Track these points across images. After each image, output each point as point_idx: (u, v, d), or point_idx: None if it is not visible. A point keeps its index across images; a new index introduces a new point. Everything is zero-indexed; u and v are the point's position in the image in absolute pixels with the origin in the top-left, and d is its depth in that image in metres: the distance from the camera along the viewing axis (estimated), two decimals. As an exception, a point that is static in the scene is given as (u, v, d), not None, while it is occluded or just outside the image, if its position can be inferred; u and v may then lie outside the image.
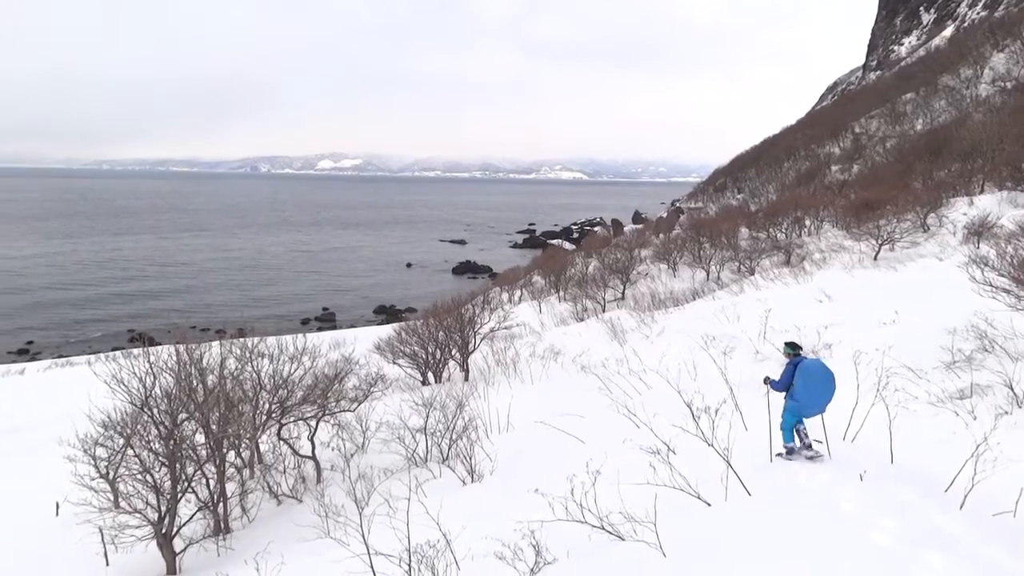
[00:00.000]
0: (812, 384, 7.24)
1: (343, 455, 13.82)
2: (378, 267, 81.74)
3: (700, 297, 26.65)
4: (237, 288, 66.09)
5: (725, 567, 5.26)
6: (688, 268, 36.98)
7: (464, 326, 20.97)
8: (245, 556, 10.19)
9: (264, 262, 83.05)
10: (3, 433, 21.91)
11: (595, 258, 44.76)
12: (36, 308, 55.05)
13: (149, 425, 11.84)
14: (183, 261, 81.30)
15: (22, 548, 12.26)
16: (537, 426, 12.75)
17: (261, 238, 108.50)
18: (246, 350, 14.65)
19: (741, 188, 78.94)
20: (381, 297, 62.27)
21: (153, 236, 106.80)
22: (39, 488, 14.66)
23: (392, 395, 17.12)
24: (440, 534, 6.94)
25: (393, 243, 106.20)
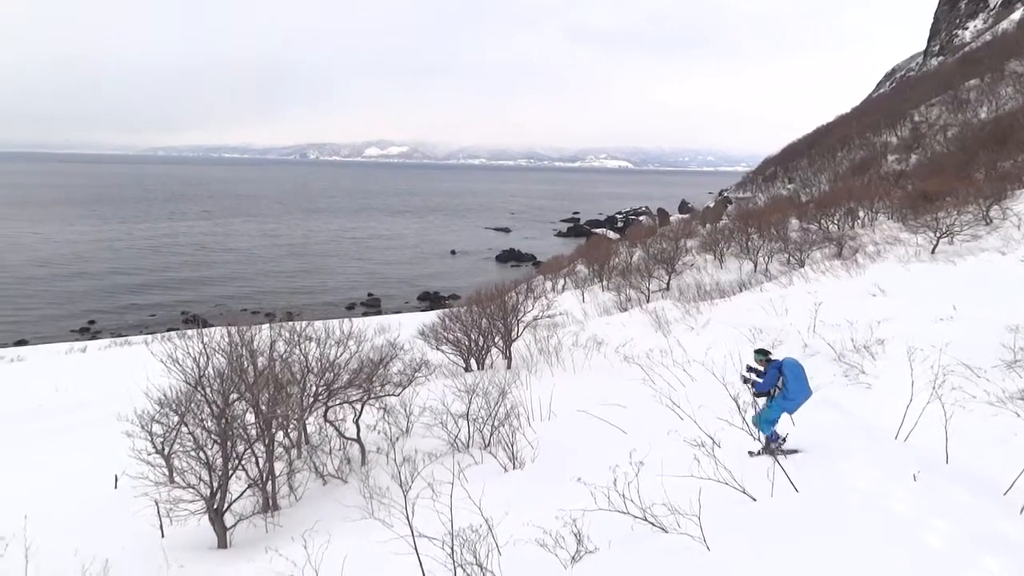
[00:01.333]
0: (800, 380, 7.86)
1: (388, 438, 14.05)
2: (423, 254, 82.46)
3: (747, 289, 26.15)
4: (285, 273, 67.53)
5: (771, 563, 5.19)
6: (735, 259, 36.32)
7: (507, 314, 21.03)
8: (293, 533, 10.49)
9: (311, 248, 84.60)
10: (67, 408, 22.94)
11: (640, 248, 44.32)
12: (96, 289, 57.25)
13: (202, 404, 12.25)
14: (233, 246, 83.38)
15: (84, 518, 12.82)
16: (579, 415, 12.74)
17: (308, 224, 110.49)
18: (294, 333, 14.99)
19: (792, 178, 76.95)
20: (425, 284, 62.86)
21: (205, 221, 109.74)
22: (100, 461, 15.31)
23: (435, 381, 17.31)
24: (482, 519, 7.01)
25: (438, 230, 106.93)
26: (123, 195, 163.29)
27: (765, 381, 8.01)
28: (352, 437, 14.19)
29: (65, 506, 13.38)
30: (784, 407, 8.02)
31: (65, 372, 28.21)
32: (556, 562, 6.52)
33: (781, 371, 7.98)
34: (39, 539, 10.56)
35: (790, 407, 8.02)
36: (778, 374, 7.97)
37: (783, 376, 7.95)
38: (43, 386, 25.87)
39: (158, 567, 10.86)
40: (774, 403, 8.02)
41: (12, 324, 46.21)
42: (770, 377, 7.95)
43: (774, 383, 7.96)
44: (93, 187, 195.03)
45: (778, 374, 7.97)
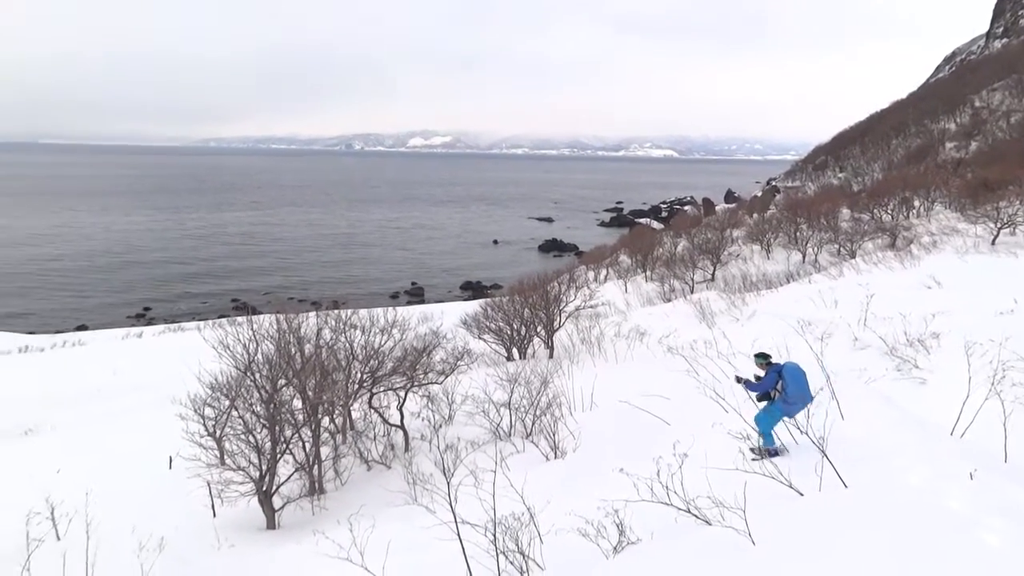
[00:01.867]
0: (800, 385, 7.93)
1: (431, 426, 14.21)
2: (465, 244, 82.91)
3: (795, 280, 25.57)
4: (330, 262, 68.73)
5: (818, 559, 5.09)
6: (783, 250, 35.55)
7: (549, 304, 21.01)
8: (338, 516, 10.71)
9: (356, 237, 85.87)
10: (124, 391, 23.84)
11: (684, 238, 43.74)
12: (151, 277, 59.21)
13: (251, 389, 12.58)
14: (280, 235, 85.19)
15: (141, 497, 13.33)
16: (621, 406, 12.67)
17: (353, 214, 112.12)
18: (340, 321, 15.26)
19: (843, 166, 74.78)
20: (468, 273, 63.23)
21: (253, 211, 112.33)
22: (155, 442, 15.88)
23: (477, 369, 17.43)
24: (524, 507, 7.05)
25: (480, 220, 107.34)
26: (176, 186, 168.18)
27: (761, 384, 8.12)
28: (396, 424, 14.41)
29: (123, 485, 13.93)
30: (784, 411, 8.07)
31: (122, 356, 29.29)
32: (598, 552, 6.52)
33: (781, 375, 8.05)
34: (99, 516, 11.02)
35: (790, 411, 8.05)
36: (777, 378, 8.06)
37: (782, 380, 8.01)
38: (102, 370, 26.91)
39: (210, 546, 11.23)
40: (774, 406, 8.10)
41: (73, 310, 48.17)
42: (767, 380, 8.04)
43: (771, 386, 8.05)
44: (148, 178, 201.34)
45: (777, 378, 8.06)
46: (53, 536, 11.52)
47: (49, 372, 27.34)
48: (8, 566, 10.38)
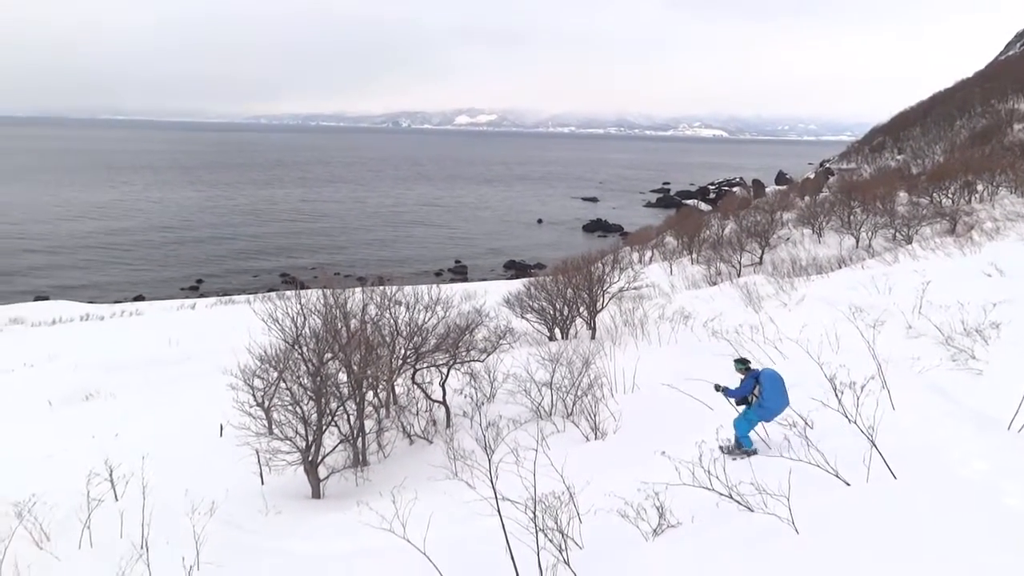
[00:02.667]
0: (776, 390, 8.21)
1: (473, 402, 14.35)
2: (509, 223, 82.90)
3: (847, 265, 24.87)
4: (375, 238, 69.60)
5: (863, 551, 4.99)
6: (835, 234, 34.58)
7: (593, 284, 20.91)
8: (381, 488, 10.95)
9: (400, 215, 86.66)
10: (178, 360, 24.71)
11: (732, 220, 42.94)
12: (203, 250, 60.96)
13: (299, 362, 12.89)
14: (326, 212, 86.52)
15: (193, 462, 13.85)
16: (663, 389, 12.57)
17: (398, 191, 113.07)
18: (385, 298, 15.46)
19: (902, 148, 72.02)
20: (511, 252, 63.29)
21: (300, 187, 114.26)
22: (207, 410, 16.45)
23: (519, 348, 17.50)
24: (564, 487, 7.08)
25: (525, 199, 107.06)
26: (227, 161, 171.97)
27: (739, 389, 8.42)
28: (438, 400, 14.60)
29: (177, 450, 14.48)
30: (760, 415, 8.34)
31: (176, 327, 30.31)
32: (637, 533, 6.52)
33: (758, 381, 8.34)
34: (154, 479, 11.49)
35: (766, 416, 8.32)
36: (754, 383, 8.35)
37: (759, 386, 8.30)
38: (158, 339, 27.92)
39: (258, 511, 11.61)
40: (751, 411, 8.36)
41: (130, 281, 49.98)
42: (745, 386, 8.34)
43: (748, 392, 8.33)
44: (200, 153, 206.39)
45: (754, 383, 8.35)
46: (112, 497, 12.07)
47: (108, 340, 28.50)
48: (71, 523, 10.93)
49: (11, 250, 57.36)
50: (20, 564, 9.39)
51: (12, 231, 65.00)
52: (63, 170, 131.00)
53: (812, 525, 5.48)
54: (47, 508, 11.05)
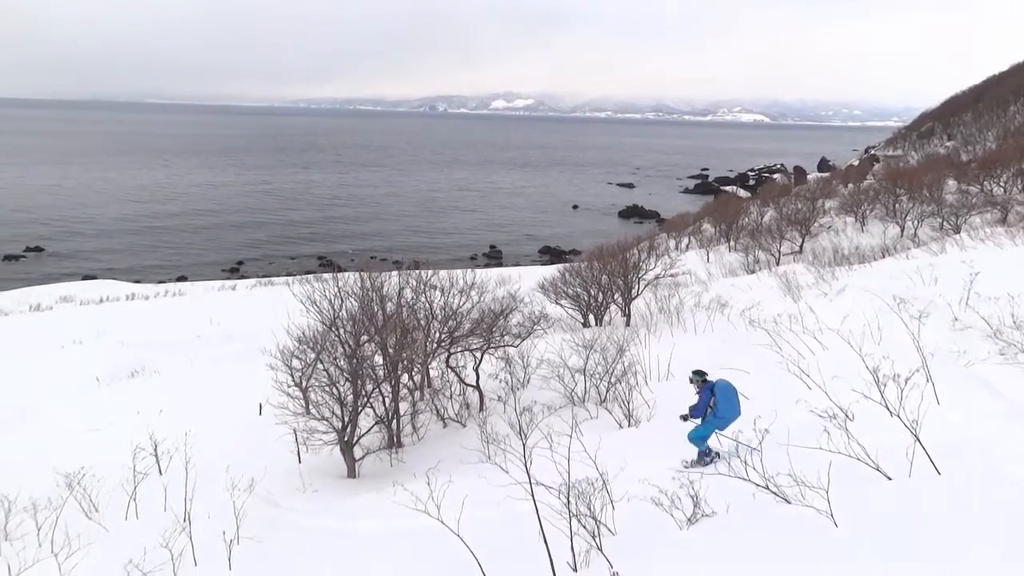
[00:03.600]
0: (730, 401, 8.56)
1: (507, 387, 14.39)
2: (545, 208, 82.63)
3: (891, 255, 24.23)
4: (411, 222, 70.03)
5: (904, 546, 4.89)
6: (879, 222, 33.68)
7: (628, 271, 20.75)
8: (415, 470, 11.09)
9: (436, 199, 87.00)
10: (220, 340, 25.30)
11: (772, 207, 42.15)
12: (243, 233, 62.09)
13: (336, 343, 13.10)
14: (363, 195, 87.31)
15: (234, 439, 14.21)
16: (699, 378, 12.44)
17: (434, 176, 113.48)
18: (421, 282, 15.56)
19: (952, 134, 69.66)
20: (546, 237, 63.13)
21: (336, 171, 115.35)
22: (247, 389, 16.82)
23: (553, 334, 17.47)
24: (597, 473, 7.08)
25: (560, 184, 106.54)
26: (266, 145, 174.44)
27: (699, 404, 8.67)
28: (472, 384, 14.69)
29: (218, 427, 14.86)
30: (716, 425, 8.64)
31: (218, 307, 31.01)
32: (671, 522, 6.50)
33: (713, 392, 8.65)
34: (196, 454, 11.80)
35: (721, 425, 8.64)
36: (711, 395, 8.65)
37: (715, 397, 8.61)
38: (200, 318, 28.61)
39: (295, 489, 11.87)
40: (707, 421, 8.64)
41: (174, 262, 51.21)
42: (703, 399, 8.66)
43: (707, 404, 8.62)
44: (241, 137, 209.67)
45: (711, 395, 8.65)
46: (156, 470, 12.46)
47: (153, 319, 29.30)
48: (118, 494, 11.32)
49: (61, 231, 59.22)
50: (70, 532, 9.76)
51: (62, 212, 67.03)
52: (109, 153, 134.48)
53: (852, 519, 5.39)
54: (95, 480, 11.46)
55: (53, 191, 79.34)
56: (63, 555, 8.42)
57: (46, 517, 10.31)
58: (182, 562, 8.76)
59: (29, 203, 70.76)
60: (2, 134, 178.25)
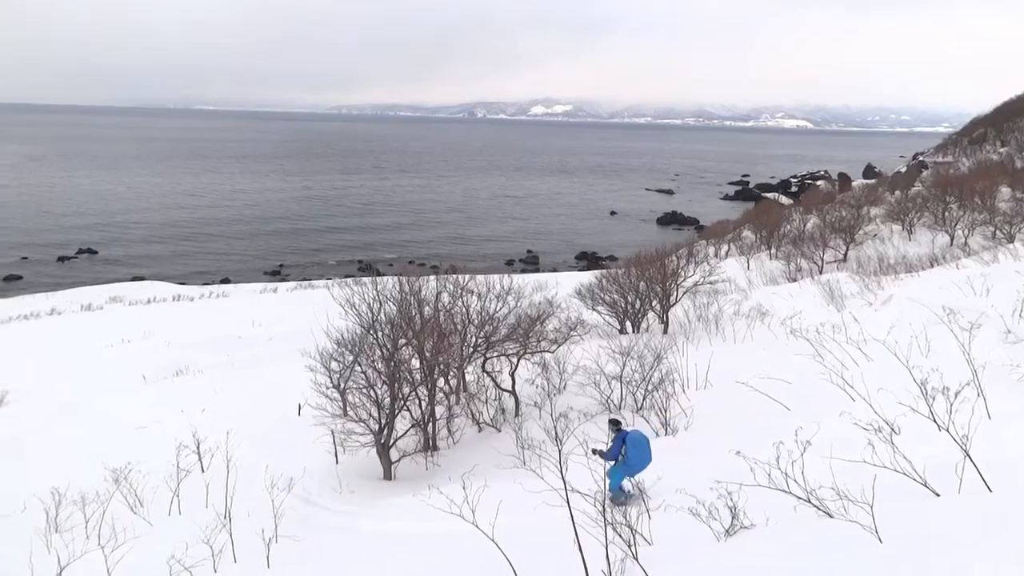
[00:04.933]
0: (640, 450, 8.95)
1: (543, 392, 14.38)
2: (582, 214, 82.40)
3: (940, 264, 23.52)
4: (449, 227, 70.55)
5: (953, 564, 4.73)
6: (927, 231, 32.76)
7: (666, 278, 20.58)
8: (450, 473, 11.15)
9: (474, 204, 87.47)
10: (261, 341, 25.82)
11: (815, 215, 41.36)
12: (284, 236, 63.34)
13: (374, 346, 13.26)
14: (401, 200, 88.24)
15: (273, 439, 14.48)
16: (738, 387, 12.26)
17: (472, 181, 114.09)
18: (458, 286, 15.68)
19: (1006, 140, 67.32)
20: (584, 243, 62.94)
21: (376, 177, 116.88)
22: (287, 390, 17.12)
23: (590, 340, 17.38)
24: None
25: (599, 190, 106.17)
26: (307, 151, 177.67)
27: (610, 451, 9.11)
28: (508, 389, 14.70)
29: (259, 427, 15.16)
30: (626, 472, 9.09)
31: (260, 309, 31.67)
32: (709, 533, 6.40)
33: (624, 442, 9.00)
34: (237, 453, 12.07)
35: (630, 472, 9.08)
36: (622, 444, 9.01)
37: (625, 446, 8.97)
38: (242, 320, 29.26)
39: (332, 489, 12.04)
40: (618, 468, 9.08)
41: (218, 265, 52.44)
42: (614, 447, 9.09)
43: (618, 452, 9.04)
44: (283, 143, 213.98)
45: (622, 444, 9.01)
46: (199, 468, 12.77)
47: (197, 320, 30.05)
48: (162, 490, 11.63)
49: (112, 234, 61.21)
50: (116, 526, 10.05)
51: (112, 216, 69.26)
52: (156, 158, 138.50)
53: (897, 535, 5.24)
54: (141, 476, 11.81)
55: (104, 195, 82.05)
56: (109, 547, 8.67)
57: (94, 511, 10.64)
58: (222, 559, 8.95)
59: (81, 207, 73.32)
60: (54, 140, 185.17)
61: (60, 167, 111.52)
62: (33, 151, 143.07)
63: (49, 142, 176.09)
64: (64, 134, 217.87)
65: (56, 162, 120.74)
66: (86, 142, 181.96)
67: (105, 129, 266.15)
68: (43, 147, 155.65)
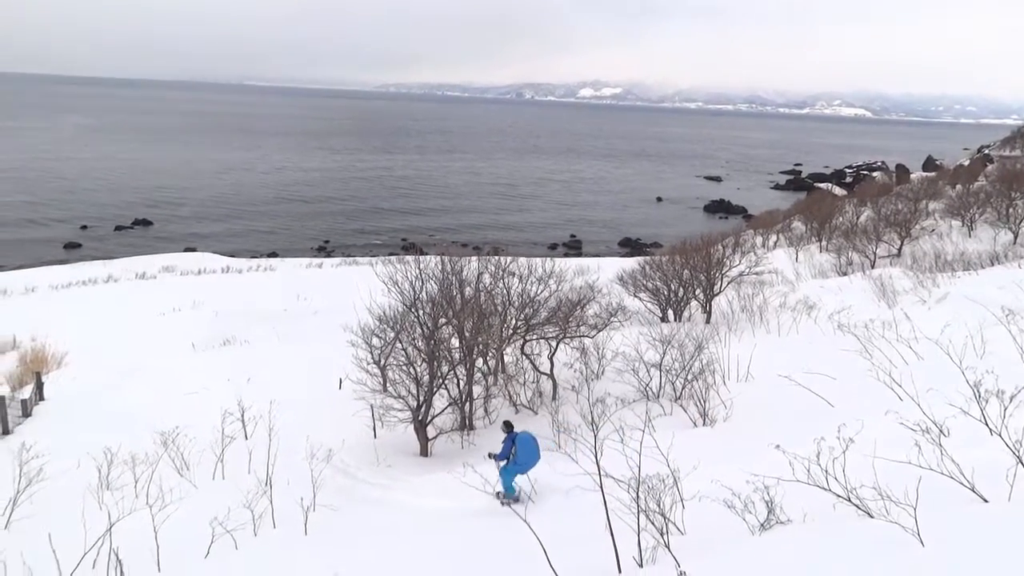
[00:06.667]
0: (528, 450, 9.63)
1: (581, 377, 14.38)
2: (627, 199, 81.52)
3: (1001, 263, 22.62)
4: (491, 209, 70.61)
5: (1000, 571, 4.60)
6: (989, 227, 31.50)
7: (711, 266, 20.32)
8: (485, 453, 11.25)
9: (518, 187, 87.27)
10: (306, 314, 26.38)
11: (869, 207, 40.17)
12: (330, 213, 64.29)
13: (415, 324, 13.43)
14: (445, 181, 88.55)
15: (314, 410, 14.83)
16: (781, 381, 12.04)
17: (516, 163, 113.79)
18: (500, 268, 15.71)
19: (1080, 135, 64.05)
20: (628, 229, 62.35)
21: (421, 156, 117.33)
22: (329, 363, 17.47)
23: (630, 327, 17.29)
24: (669, 470, 6.97)
25: (645, 176, 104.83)
26: (352, 128, 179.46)
27: (502, 451, 9.79)
28: (546, 372, 14.74)
29: (301, 398, 15.53)
30: (517, 470, 9.68)
31: (305, 283, 32.32)
32: (743, 526, 6.33)
33: (515, 443, 9.64)
34: (279, 423, 12.40)
35: (521, 470, 9.67)
36: (512, 445, 9.65)
37: (515, 447, 9.60)
38: (288, 293, 29.92)
39: (370, 463, 12.29)
40: (509, 467, 9.69)
41: (266, 239, 53.56)
42: (505, 448, 9.78)
43: (508, 453, 9.71)
44: (331, 120, 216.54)
45: (512, 445, 9.65)
46: (243, 435, 13.17)
47: (245, 291, 30.82)
48: (207, 455, 12.03)
49: (166, 206, 62.99)
50: (164, 487, 10.46)
51: (167, 189, 71.18)
52: (207, 132, 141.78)
53: (941, 539, 5.10)
54: (188, 440, 12.22)
55: (158, 168, 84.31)
56: (156, 507, 9.02)
57: (143, 471, 11.08)
58: (262, 523, 9.24)
59: (137, 179, 75.55)
60: (110, 112, 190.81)
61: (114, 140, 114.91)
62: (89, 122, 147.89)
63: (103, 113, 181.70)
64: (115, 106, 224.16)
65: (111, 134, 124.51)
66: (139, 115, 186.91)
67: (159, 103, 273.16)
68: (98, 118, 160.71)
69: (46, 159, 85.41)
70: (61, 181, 71.57)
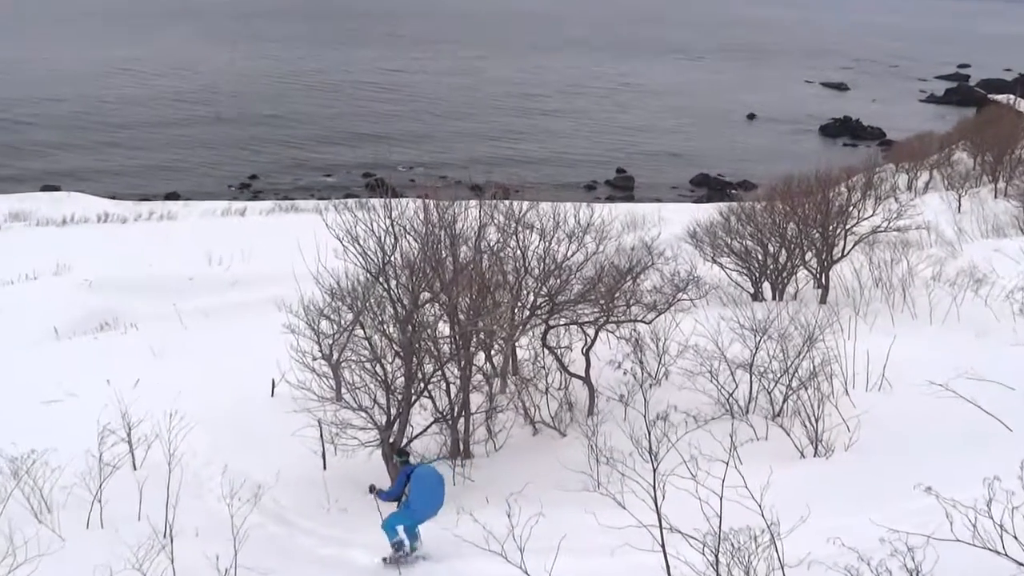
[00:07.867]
0: (426, 491, 9.94)
1: (633, 382, 14.35)
2: (703, 116, 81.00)
3: None
4: (499, 132, 70.22)
5: None
6: None
7: (829, 219, 20.24)
8: (488, 493, 11.30)
9: (538, 98, 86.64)
10: (220, 285, 26.46)
11: (1073, 131, 39.72)
12: (257, 133, 64.19)
13: (384, 301, 13.38)
14: (431, 89, 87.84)
15: (235, 428, 14.89)
16: (933, 391, 12.00)
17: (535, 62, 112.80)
18: (511, 218, 15.58)
19: None
20: (703, 162, 62.02)
21: (394, 49, 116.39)
22: (255, 358, 17.55)
23: (707, 308, 17.25)
24: (764, 522, 6.98)
25: (730, 82, 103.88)
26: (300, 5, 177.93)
27: (392, 489, 10.27)
28: (579, 374, 14.72)
29: (215, 409, 15.55)
30: (407, 518, 10.09)
31: (220, 238, 32.31)
32: (874, 606, 6.36)
33: (409, 479, 10.04)
34: (184, 446, 12.46)
35: (413, 519, 10.10)
36: (405, 481, 10.05)
37: (409, 485, 10.00)
38: (195, 254, 29.97)
39: (316, 505, 12.39)
40: (399, 512, 10.11)
41: (163, 173, 53.39)
42: (397, 485, 10.20)
43: (400, 492, 10.10)
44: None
45: (405, 481, 10.05)
46: (129, 464, 13.26)
47: (132, 251, 30.93)
48: (79, 492, 12.10)
49: (13, 123, 62.90)
50: (15, 537, 10.50)
51: (13, 99, 70.83)
52: (75, 15, 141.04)
53: None
54: (49, 470, 12.28)
55: (4, 68, 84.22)
56: (3, 567, 9.12)
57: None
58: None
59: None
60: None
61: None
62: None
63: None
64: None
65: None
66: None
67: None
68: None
69: None
70: None
